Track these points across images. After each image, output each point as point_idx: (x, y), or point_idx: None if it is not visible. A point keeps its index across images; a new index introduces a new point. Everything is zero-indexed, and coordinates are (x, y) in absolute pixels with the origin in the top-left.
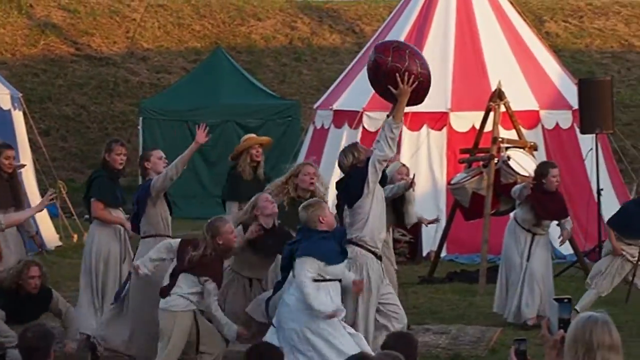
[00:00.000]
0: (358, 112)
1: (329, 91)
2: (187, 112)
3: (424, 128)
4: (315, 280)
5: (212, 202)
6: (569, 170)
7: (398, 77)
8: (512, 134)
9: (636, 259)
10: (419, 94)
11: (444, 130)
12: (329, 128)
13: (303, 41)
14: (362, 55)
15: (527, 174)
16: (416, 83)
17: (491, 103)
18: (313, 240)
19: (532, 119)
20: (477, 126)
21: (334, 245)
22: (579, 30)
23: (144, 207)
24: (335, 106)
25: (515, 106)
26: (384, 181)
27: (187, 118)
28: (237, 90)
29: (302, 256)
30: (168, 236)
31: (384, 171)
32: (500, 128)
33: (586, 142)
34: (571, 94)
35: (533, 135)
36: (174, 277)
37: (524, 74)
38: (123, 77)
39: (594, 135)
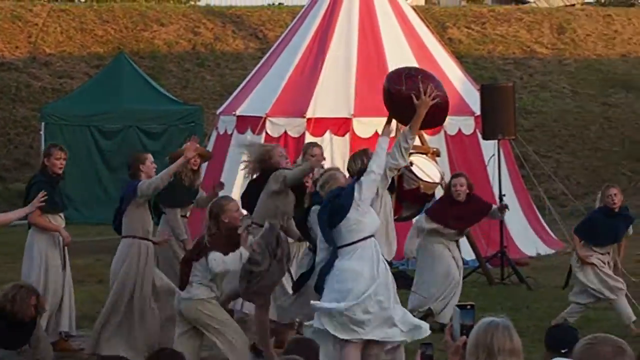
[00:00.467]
0: (261, 117)
1: (232, 97)
2: (89, 117)
3: (327, 134)
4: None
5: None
6: (471, 176)
7: (421, 88)
8: (414, 140)
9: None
10: (437, 115)
11: (347, 136)
12: (232, 133)
13: (206, 47)
14: (265, 60)
15: (429, 180)
16: (435, 100)
17: None
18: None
19: None
20: (380, 132)
21: None
22: (481, 36)
23: (127, 205)
24: (239, 112)
25: None
26: (391, 188)
27: (90, 123)
28: (139, 96)
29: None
30: (147, 239)
31: (393, 179)
32: None
33: (488, 148)
34: (474, 100)
35: (436, 141)
36: (187, 264)
37: None
38: (25, 82)
39: (496, 141)
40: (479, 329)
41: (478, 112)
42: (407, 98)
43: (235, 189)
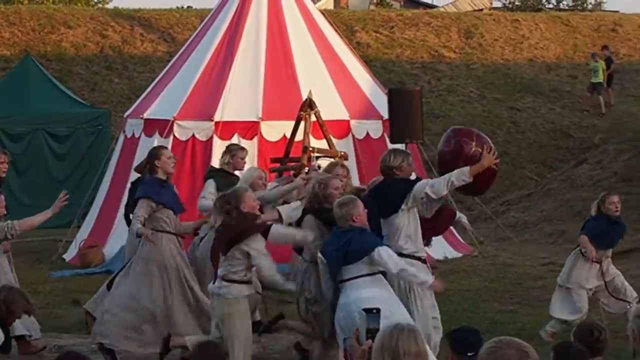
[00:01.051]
0: (169, 120)
1: (139, 100)
2: None
3: (235, 137)
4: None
5: (21, 211)
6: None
7: (492, 148)
8: (322, 144)
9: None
10: (488, 182)
11: (255, 139)
12: (139, 137)
13: (114, 49)
14: (174, 63)
15: None
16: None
17: (302, 112)
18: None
19: (342, 129)
20: (288, 135)
21: None
22: (389, 40)
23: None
24: (146, 115)
25: (325, 116)
26: None
27: None
28: (47, 99)
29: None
30: (170, 232)
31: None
32: (311, 137)
33: None
34: (381, 103)
35: (344, 145)
36: (214, 259)
37: (335, 84)
38: None
39: (404, 145)
40: (384, 333)
41: (386, 116)
42: (474, 155)
43: None
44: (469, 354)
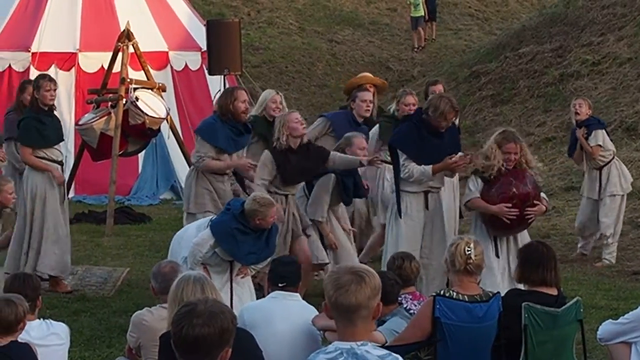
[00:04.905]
0: None
1: None
2: None
3: (53, 68)
4: None
5: None
6: (198, 112)
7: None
8: (140, 75)
9: None
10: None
11: (73, 70)
12: None
13: None
14: None
15: (155, 115)
16: None
17: (119, 44)
18: None
19: (161, 60)
20: (106, 66)
21: None
22: None
23: None
24: None
25: (144, 47)
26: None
27: None
28: None
29: None
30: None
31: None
32: (129, 69)
33: (215, 83)
34: (200, 35)
35: (162, 76)
36: None
37: (153, 15)
38: None
39: (222, 76)
40: (175, 283)
41: (204, 48)
42: None
43: None
44: (280, 285)
